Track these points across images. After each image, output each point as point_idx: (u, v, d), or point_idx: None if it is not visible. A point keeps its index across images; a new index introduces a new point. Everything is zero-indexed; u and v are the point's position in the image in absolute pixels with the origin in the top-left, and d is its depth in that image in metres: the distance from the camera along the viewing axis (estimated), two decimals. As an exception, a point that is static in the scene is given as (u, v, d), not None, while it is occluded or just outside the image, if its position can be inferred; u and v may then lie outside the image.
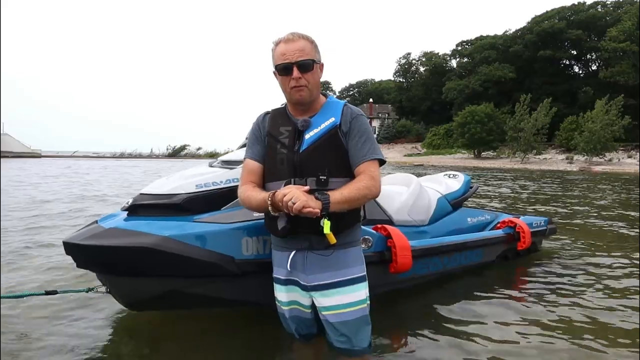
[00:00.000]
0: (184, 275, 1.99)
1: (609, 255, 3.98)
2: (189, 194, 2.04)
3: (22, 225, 5.11)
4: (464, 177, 3.46)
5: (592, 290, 2.98)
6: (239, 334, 2.22)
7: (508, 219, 3.53)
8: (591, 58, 52.26)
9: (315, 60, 1.77)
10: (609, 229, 5.52)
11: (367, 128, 1.84)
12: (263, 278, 1.98)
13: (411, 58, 68.05)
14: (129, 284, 2.02)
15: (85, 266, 2.10)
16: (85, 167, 21.55)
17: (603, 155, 33.40)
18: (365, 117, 1.86)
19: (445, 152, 48.06)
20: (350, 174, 1.78)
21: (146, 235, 1.90)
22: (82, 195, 8.66)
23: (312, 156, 1.75)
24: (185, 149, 49.67)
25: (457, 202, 3.29)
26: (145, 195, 2.12)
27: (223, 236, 1.99)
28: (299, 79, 1.73)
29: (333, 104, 1.86)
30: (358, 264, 1.85)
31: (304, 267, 1.80)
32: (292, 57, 1.73)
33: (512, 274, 3.40)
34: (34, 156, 39.04)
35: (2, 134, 39.40)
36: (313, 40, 1.80)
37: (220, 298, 2.14)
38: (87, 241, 1.92)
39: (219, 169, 2.23)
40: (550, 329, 2.32)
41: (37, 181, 12.29)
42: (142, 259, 1.90)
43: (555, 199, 9.34)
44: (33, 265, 3.40)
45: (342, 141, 1.78)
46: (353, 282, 1.82)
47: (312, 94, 1.79)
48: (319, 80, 1.82)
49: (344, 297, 1.81)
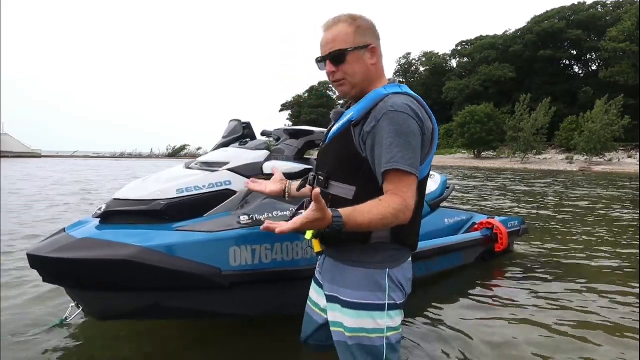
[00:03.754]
0: (165, 288, 1.83)
1: (606, 252, 3.99)
2: (169, 200, 1.87)
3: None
4: (441, 178, 3.44)
5: (588, 287, 2.98)
6: (242, 336, 2.21)
7: (486, 221, 3.55)
8: (591, 58, 52.21)
9: (348, 49, 1.47)
10: (604, 229, 5.53)
11: (403, 129, 1.38)
12: (252, 290, 1.88)
13: (411, 58, 68.09)
14: (104, 300, 1.83)
15: (53, 282, 1.89)
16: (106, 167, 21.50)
17: (603, 155, 33.39)
18: (401, 114, 1.39)
19: (445, 152, 48.02)
20: (356, 181, 1.48)
21: (123, 246, 1.72)
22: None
23: (325, 152, 1.61)
24: (185, 149, 49.72)
25: (435, 204, 3.28)
26: (120, 200, 1.92)
27: (209, 246, 1.82)
28: (334, 73, 1.52)
29: (371, 95, 1.50)
30: (363, 289, 1.51)
31: (323, 272, 1.68)
32: (324, 50, 1.52)
33: (489, 275, 3.41)
34: (34, 156, 39.01)
35: (2, 134, 39.39)
36: (357, 20, 1.50)
37: (205, 311, 1.97)
38: (56, 254, 1.71)
39: (199, 172, 2.05)
40: (543, 326, 2.32)
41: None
42: (119, 273, 1.72)
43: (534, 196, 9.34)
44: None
45: (355, 141, 1.46)
46: (349, 306, 1.52)
47: (358, 86, 1.52)
48: (365, 69, 1.50)
49: (338, 315, 1.56)
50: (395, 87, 1.51)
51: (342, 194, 1.49)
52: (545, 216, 6.58)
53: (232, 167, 2.04)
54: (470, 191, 10.89)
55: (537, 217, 6.49)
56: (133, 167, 22.37)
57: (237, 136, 2.33)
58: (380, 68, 1.56)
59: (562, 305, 2.67)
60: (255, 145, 2.20)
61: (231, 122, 2.42)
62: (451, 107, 54.51)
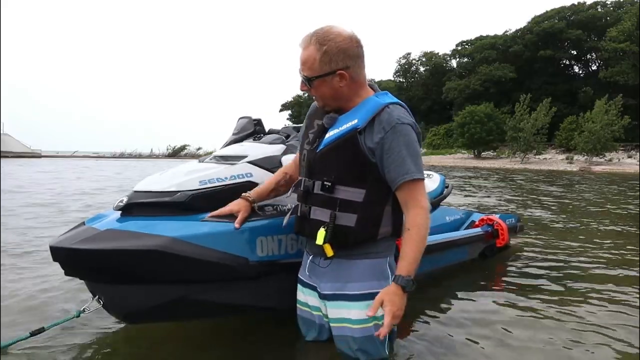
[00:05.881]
0: (192, 280, 1.79)
1: (606, 253, 3.99)
2: (193, 191, 1.84)
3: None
4: (439, 177, 3.48)
5: (588, 287, 2.98)
6: (243, 335, 2.21)
7: (487, 217, 3.63)
8: (591, 58, 52.26)
9: (314, 77, 1.56)
10: (602, 227, 5.53)
11: (411, 140, 1.53)
12: (279, 281, 1.87)
13: (411, 58, 68.01)
14: (128, 293, 1.78)
15: (76, 274, 1.85)
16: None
17: (603, 155, 33.41)
18: (406, 126, 1.54)
19: (445, 152, 48.03)
20: (365, 184, 1.56)
21: (151, 237, 1.68)
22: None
23: (325, 158, 1.61)
24: (185, 149, 49.81)
25: (436, 202, 3.32)
26: (142, 192, 1.87)
27: (237, 236, 1.79)
28: (308, 91, 1.62)
29: (369, 104, 1.58)
30: (371, 279, 1.62)
31: (317, 274, 1.72)
32: (300, 68, 1.60)
33: (489, 274, 3.41)
34: (34, 156, 38.99)
35: (2, 134, 39.40)
36: (325, 45, 1.52)
37: (230, 305, 1.93)
38: (80, 245, 1.65)
39: (218, 165, 2.02)
40: (541, 325, 2.32)
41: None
42: (147, 264, 1.68)
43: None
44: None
45: (362, 148, 1.54)
46: (361, 298, 1.61)
47: (330, 105, 1.64)
48: (333, 92, 1.59)
49: (344, 312, 1.64)
50: (387, 97, 1.63)
51: (352, 197, 1.57)
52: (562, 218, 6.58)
53: (251, 159, 2.03)
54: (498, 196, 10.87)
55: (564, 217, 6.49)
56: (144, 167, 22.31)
57: (248, 132, 2.32)
58: (356, 84, 1.61)
59: (561, 305, 2.66)
60: (271, 140, 2.20)
61: (241, 120, 2.41)
62: (451, 107, 54.54)
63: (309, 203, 1.66)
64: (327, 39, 1.53)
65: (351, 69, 1.57)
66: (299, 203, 1.72)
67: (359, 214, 1.57)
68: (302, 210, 1.68)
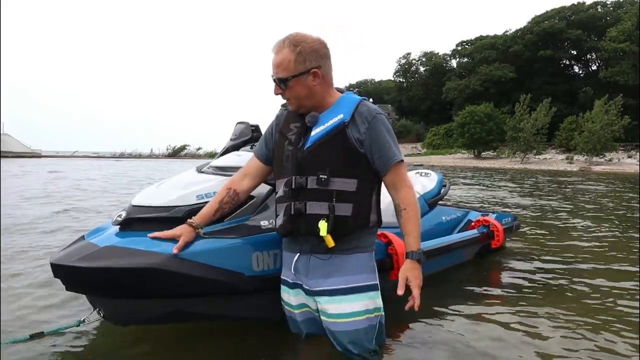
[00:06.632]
0: (190, 295, 1.84)
1: (607, 252, 3.99)
2: (190, 206, 1.87)
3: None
4: (437, 176, 3.47)
5: (587, 287, 2.98)
6: (238, 335, 2.21)
7: (482, 218, 3.61)
8: (591, 58, 52.27)
9: (289, 77, 1.65)
10: (602, 227, 5.54)
11: (389, 127, 1.74)
12: (274, 294, 1.89)
13: (411, 58, 67.97)
14: (127, 307, 1.83)
15: (76, 290, 1.89)
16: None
17: (603, 155, 33.39)
18: (383, 116, 1.74)
19: (445, 152, 48.02)
20: (357, 174, 1.68)
21: (149, 255, 1.70)
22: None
23: (315, 154, 1.67)
24: (185, 149, 49.80)
25: (433, 202, 3.32)
26: (140, 207, 1.90)
27: (233, 252, 1.83)
28: (282, 94, 1.71)
29: (346, 101, 1.75)
30: (363, 272, 1.73)
31: (307, 271, 1.74)
32: (273, 72, 1.69)
33: (486, 275, 3.41)
34: (34, 156, 39.01)
35: (2, 134, 39.38)
36: (298, 46, 1.64)
37: (227, 315, 2.00)
38: (80, 263, 1.68)
39: (214, 176, 2.05)
40: (540, 325, 2.32)
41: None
42: (146, 281, 1.71)
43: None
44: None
45: (351, 140, 1.66)
46: (355, 291, 1.70)
47: (304, 106, 1.73)
48: (307, 91, 1.69)
49: (343, 306, 1.70)
50: (355, 95, 1.82)
51: (346, 188, 1.67)
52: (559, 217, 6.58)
53: None
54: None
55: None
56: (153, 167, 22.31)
57: (246, 139, 2.31)
58: (327, 83, 1.74)
59: (561, 305, 2.66)
60: None
61: (238, 125, 2.40)
62: (451, 107, 54.56)
63: (303, 199, 1.68)
64: (300, 40, 1.66)
65: (322, 68, 1.70)
66: (288, 203, 1.71)
67: (354, 203, 1.67)
68: (295, 207, 1.68)
